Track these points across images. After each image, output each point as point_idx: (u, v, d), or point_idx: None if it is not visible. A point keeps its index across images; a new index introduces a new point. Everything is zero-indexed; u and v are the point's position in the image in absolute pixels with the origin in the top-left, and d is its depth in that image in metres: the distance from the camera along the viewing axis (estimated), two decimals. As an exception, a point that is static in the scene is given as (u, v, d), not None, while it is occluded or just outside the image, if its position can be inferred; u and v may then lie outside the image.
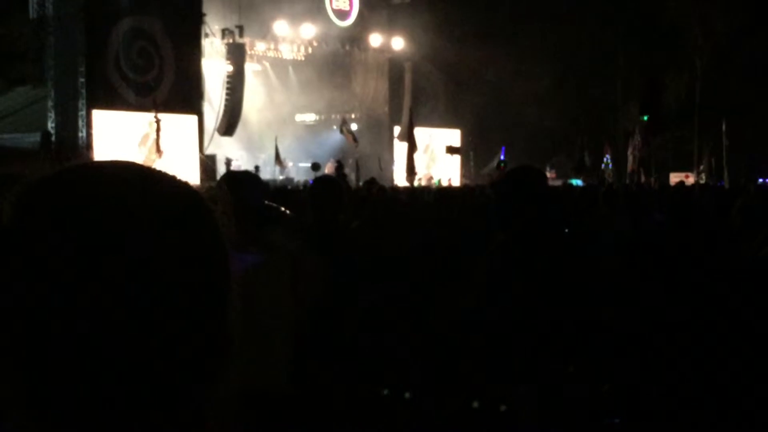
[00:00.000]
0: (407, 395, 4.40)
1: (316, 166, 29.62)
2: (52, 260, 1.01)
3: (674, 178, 33.29)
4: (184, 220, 1.10)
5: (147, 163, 1.20)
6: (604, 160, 36.30)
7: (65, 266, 1.01)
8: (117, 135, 27.10)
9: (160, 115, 26.89)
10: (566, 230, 4.98)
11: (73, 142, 26.71)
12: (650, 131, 29.75)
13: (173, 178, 1.15)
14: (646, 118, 28.97)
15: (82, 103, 27.00)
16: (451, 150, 35.75)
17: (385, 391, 4.09)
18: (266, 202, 4.95)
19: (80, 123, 27.04)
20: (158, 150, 26.80)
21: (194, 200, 1.13)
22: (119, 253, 1.02)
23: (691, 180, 31.38)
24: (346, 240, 5.43)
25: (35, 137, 27.51)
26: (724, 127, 34.16)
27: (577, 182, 28.06)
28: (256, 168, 30.21)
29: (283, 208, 5.25)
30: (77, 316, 1.01)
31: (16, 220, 1.05)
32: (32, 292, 1.01)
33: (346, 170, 31.95)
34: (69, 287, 1.01)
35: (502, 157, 34.50)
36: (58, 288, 1.01)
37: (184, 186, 1.15)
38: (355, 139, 33.47)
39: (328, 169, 30.37)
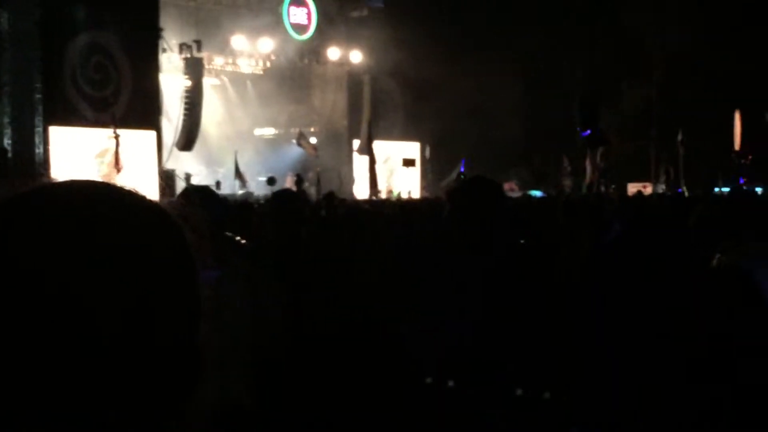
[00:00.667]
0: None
1: (271, 180, 29.60)
2: (10, 285, 1.00)
3: (632, 188, 33.57)
4: (152, 236, 1.09)
5: (107, 179, 1.19)
6: (563, 170, 36.58)
7: (27, 289, 1.00)
8: (74, 151, 26.86)
9: (119, 131, 26.71)
10: (522, 241, 5.00)
11: (29, 159, 26.44)
12: (591, 145, 30.02)
13: (139, 195, 1.14)
14: (587, 133, 29.18)
15: (38, 120, 26.72)
16: (407, 162, 35.85)
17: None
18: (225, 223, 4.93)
19: (37, 139, 26.75)
20: (118, 165, 26.61)
21: (162, 217, 1.13)
22: (87, 274, 1.01)
23: (649, 190, 31.67)
24: (308, 253, 5.42)
25: (-10, 154, 27.25)
26: (680, 137, 34.50)
27: (537, 193, 28.19)
28: (218, 183, 30.12)
29: (239, 238, 5.20)
30: (41, 336, 0.99)
31: None
32: None
33: (306, 184, 31.96)
34: (33, 308, 1.00)
35: (461, 169, 34.63)
36: (20, 309, 0.99)
37: (151, 203, 1.14)
38: (314, 149, 33.47)
39: (287, 183, 30.34)
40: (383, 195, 32.84)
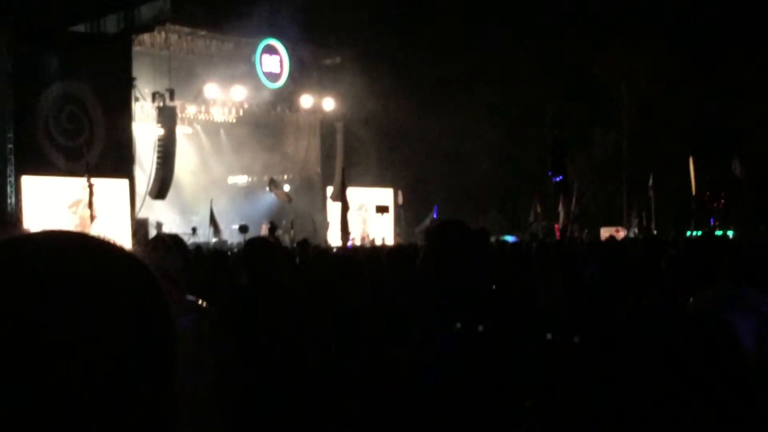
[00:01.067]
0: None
1: (244, 228, 29.53)
2: None
3: (605, 232, 33.70)
4: (128, 285, 1.10)
5: (80, 229, 1.20)
6: (534, 215, 36.76)
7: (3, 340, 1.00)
8: (47, 201, 26.74)
9: (93, 180, 26.61)
10: (493, 287, 5.02)
11: (1, 210, 26.30)
12: (561, 191, 30.26)
13: (114, 244, 1.15)
14: (559, 178, 29.39)
15: (10, 169, 26.59)
16: (380, 209, 35.90)
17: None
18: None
19: (8, 189, 26.61)
20: (92, 214, 26.48)
21: (137, 266, 1.14)
22: (63, 323, 1.02)
23: (621, 234, 31.80)
24: (282, 299, 5.42)
25: (-37, 205, 27.09)
26: (651, 182, 34.79)
27: (510, 238, 28.27)
28: (194, 230, 30.02)
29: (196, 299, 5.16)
30: (17, 384, 1.00)
31: None
32: None
33: (279, 231, 31.91)
34: (12, 361, 1.00)
35: (434, 215, 34.74)
36: None
37: (126, 252, 1.15)
38: (287, 196, 33.48)
39: (262, 230, 30.28)
40: (357, 242, 32.83)
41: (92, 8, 29.58)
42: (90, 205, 26.55)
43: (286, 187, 36.61)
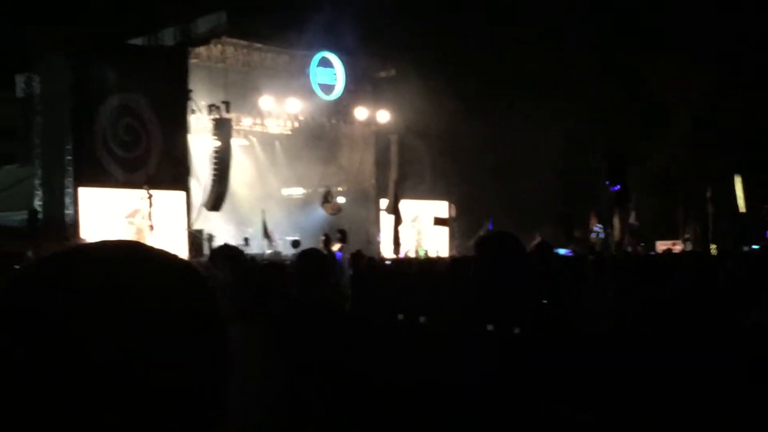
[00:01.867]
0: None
1: (296, 243, 29.57)
2: (47, 345, 1.01)
3: (661, 245, 33.35)
4: (185, 295, 1.12)
5: (137, 239, 1.21)
6: (595, 229, 36.43)
7: (68, 348, 1.01)
8: (103, 212, 27.09)
9: (151, 191, 26.92)
10: (545, 301, 4.96)
11: (60, 220, 26.68)
12: (619, 201, 29.92)
13: (172, 254, 1.16)
14: (616, 188, 29.07)
15: (68, 181, 26.98)
16: (438, 221, 35.83)
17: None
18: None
19: (67, 200, 26.99)
20: (150, 226, 26.77)
21: (194, 275, 1.15)
22: (124, 331, 1.03)
23: (678, 248, 31.46)
24: (332, 311, 5.41)
25: (22, 215, 27.51)
26: (709, 194, 34.39)
27: (564, 252, 28.04)
28: (246, 240, 30.16)
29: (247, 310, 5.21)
30: (79, 393, 1.00)
31: (12, 304, 1.05)
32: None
33: (335, 244, 31.95)
34: (74, 368, 1.01)
35: (490, 227, 34.58)
36: (60, 367, 1.00)
37: (184, 262, 1.17)
38: (334, 209, 33.65)
39: (320, 243, 30.30)
40: (411, 254, 32.82)
41: (150, 21, 29.99)
42: (148, 215, 26.85)
43: (341, 199, 36.68)
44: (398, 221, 29.54)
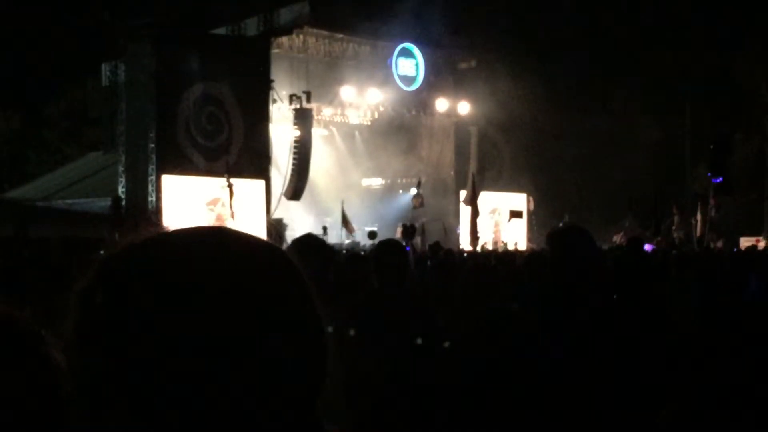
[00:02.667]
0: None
1: (373, 234, 29.52)
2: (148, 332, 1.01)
3: (744, 242, 32.71)
4: (282, 278, 1.11)
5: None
6: (673, 222, 35.86)
7: (170, 335, 1.01)
8: (186, 199, 27.39)
9: (232, 179, 27.16)
10: (614, 296, 4.88)
11: (142, 207, 27.07)
12: (720, 193, 29.30)
13: (262, 239, 1.16)
14: (719, 179, 28.48)
15: (152, 168, 27.35)
16: (513, 214, 35.63)
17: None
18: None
19: (150, 188, 27.37)
20: (231, 213, 27.02)
21: (285, 260, 1.15)
22: (223, 316, 1.03)
23: (762, 244, 30.80)
24: (411, 301, 5.39)
25: (106, 202, 27.99)
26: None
27: (647, 247, 27.63)
28: (324, 229, 30.27)
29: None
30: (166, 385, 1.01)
31: (108, 294, 1.05)
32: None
33: (417, 238, 31.91)
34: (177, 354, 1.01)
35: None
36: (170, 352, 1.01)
37: (274, 246, 1.16)
38: (417, 201, 33.62)
39: (397, 233, 30.26)
40: (489, 246, 32.67)
41: (233, 11, 30.25)
42: (229, 204, 27.10)
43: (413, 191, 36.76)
44: (476, 213, 29.41)
